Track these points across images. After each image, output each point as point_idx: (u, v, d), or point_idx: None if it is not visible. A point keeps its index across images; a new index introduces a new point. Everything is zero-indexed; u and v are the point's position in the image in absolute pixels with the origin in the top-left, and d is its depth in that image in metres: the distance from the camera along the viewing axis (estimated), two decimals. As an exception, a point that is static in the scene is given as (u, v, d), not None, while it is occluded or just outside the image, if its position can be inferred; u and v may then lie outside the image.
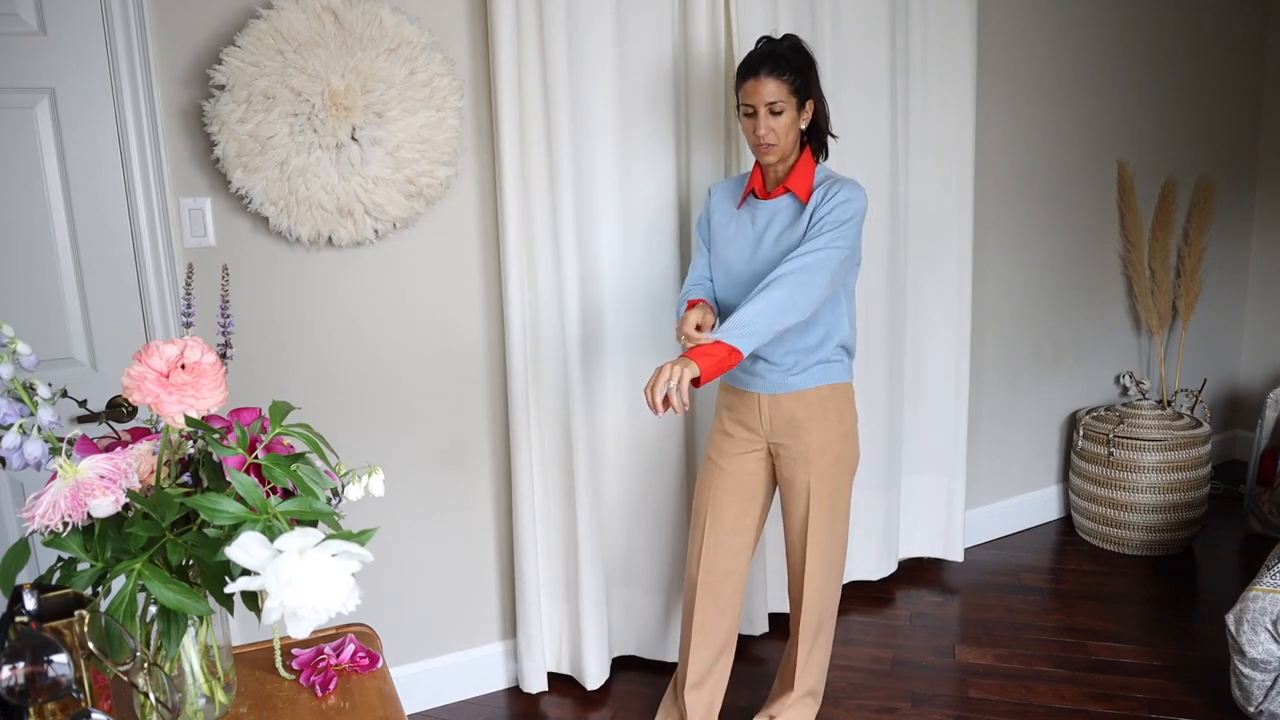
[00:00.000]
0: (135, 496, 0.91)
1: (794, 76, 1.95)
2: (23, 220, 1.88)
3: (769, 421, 2.09)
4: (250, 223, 2.10)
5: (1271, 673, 2.20)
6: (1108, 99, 3.44)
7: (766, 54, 1.97)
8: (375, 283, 2.27)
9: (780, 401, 2.06)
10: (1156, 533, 3.29)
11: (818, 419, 2.05)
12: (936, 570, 3.25)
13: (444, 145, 2.14)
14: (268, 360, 2.17)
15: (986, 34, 3.01)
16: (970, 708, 2.45)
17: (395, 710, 1.13)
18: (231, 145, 1.93)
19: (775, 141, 1.96)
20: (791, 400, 2.05)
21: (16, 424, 0.93)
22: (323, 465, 0.99)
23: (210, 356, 0.96)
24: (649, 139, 2.43)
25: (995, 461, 3.45)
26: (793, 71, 1.95)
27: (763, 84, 1.94)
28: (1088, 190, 3.47)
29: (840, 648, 2.76)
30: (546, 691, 2.57)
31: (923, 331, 3.06)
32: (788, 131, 1.97)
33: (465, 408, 2.43)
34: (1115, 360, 3.70)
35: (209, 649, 1.04)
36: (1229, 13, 3.72)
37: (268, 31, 1.93)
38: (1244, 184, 3.95)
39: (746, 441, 2.12)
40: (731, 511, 2.15)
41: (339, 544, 0.81)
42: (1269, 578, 2.23)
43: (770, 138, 1.96)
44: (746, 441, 2.12)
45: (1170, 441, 3.23)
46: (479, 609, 2.56)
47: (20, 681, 0.81)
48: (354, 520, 0.94)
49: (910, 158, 2.90)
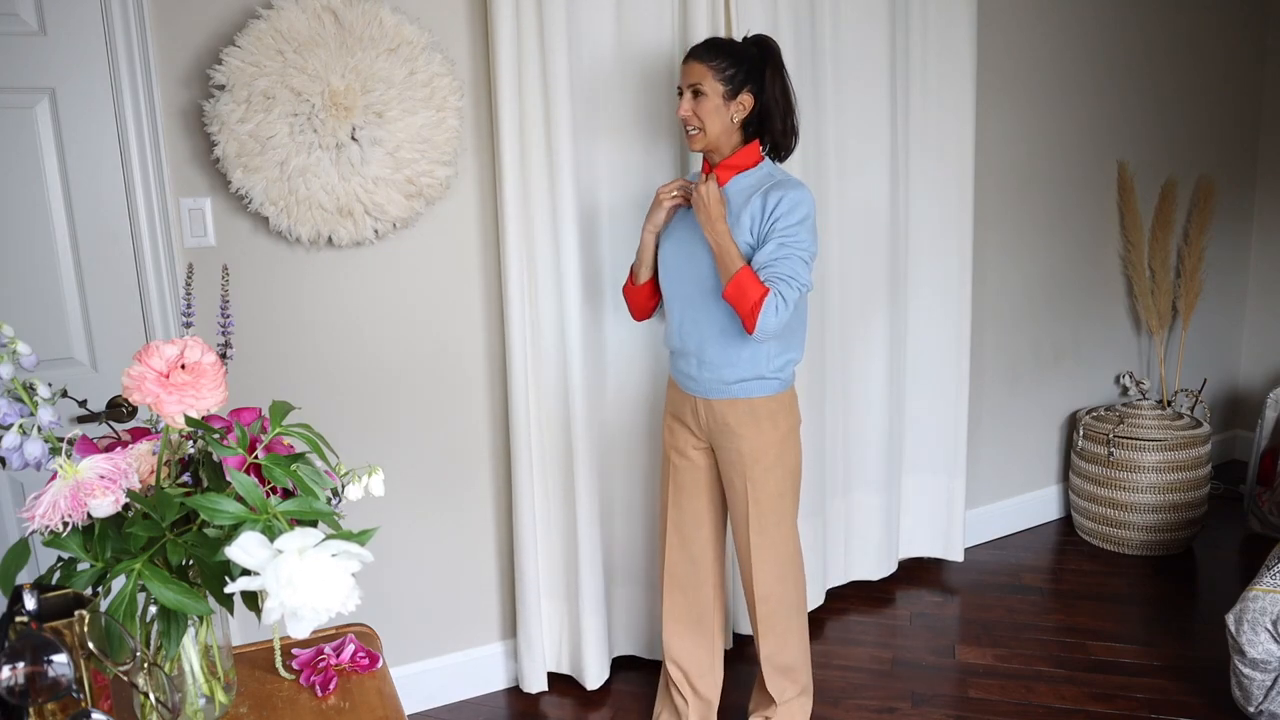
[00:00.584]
0: (135, 496, 0.91)
1: (727, 64, 1.95)
2: (23, 220, 1.88)
3: (705, 424, 2.10)
4: (250, 223, 2.10)
5: (1271, 673, 2.20)
6: (1108, 99, 3.44)
7: (706, 41, 2.01)
8: (375, 283, 2.27)
9: (713, 406, 2.07)
10: (1156, 533, 3.29)
11: (749, 425, 2.04)
12: (936, 570, 3.25)
13: (444, 145, 2.14)
14: (268, 360, 2.17)
15: (986, 34, 3.01)
16: (970, 708, 2.45)
17: (395, 710, 1.13)
18: (231, 145, 1.93)
19: (698, 127, 1.97)
20: (724, 406, 2.05)
21: (16, 424, 0.93)
22: (323, 465, 0.99)
23: (210, 356, 0.96)
24: (649, 139, 2.43)
25: (995, 461, 3.45)
26: (727, 58, 1.96)
27: (688, 66, 1.98)
28: (1088, 190, 3.47)
29: (840, 648, 2.76)
30: (546, 691, 2.57)
31: (923, 331, 3.06)
32: (710, 117, 1.96)
33: (465, 407, 2.43)
34: (1115, 360, 3.70)
35: (209, 649, 1.04)
36: (1229, 13, 3.72)
37: (268, 31, 1.93)
38: (1244, 184, 3.95)
39: (692, 436, 2.16)
40: (689, 504, 2.18)
41: (339, 544, 0.81)
42: (1269, 578, 2.23)
43: (693, 122, 1.97)
44: (692, 436, 2.16)
45: (1170, 441, 3.23)
46: (479, 609, 2.56)
47: (20, 681, 0.81)
48: (354, 520, 0.94)
49: (910, 158, 2.90)
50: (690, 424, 2.13)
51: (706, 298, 2.01)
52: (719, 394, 2.05)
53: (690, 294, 2.04)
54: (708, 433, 2.11)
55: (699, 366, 2.06)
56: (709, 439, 2.12)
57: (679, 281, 2.06)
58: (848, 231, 2.80)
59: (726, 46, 1.99)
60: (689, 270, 2.03)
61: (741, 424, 2.04)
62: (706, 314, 2.01)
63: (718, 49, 1.98)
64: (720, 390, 2.04)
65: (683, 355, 2.09)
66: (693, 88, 1.96)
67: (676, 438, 2.18)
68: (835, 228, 2.75)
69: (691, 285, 2.03)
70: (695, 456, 2.16)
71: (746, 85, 1.97)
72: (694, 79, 1.96)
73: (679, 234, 2.07)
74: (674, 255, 2.07)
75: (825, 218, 2.67)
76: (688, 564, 2.21)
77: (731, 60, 1.96)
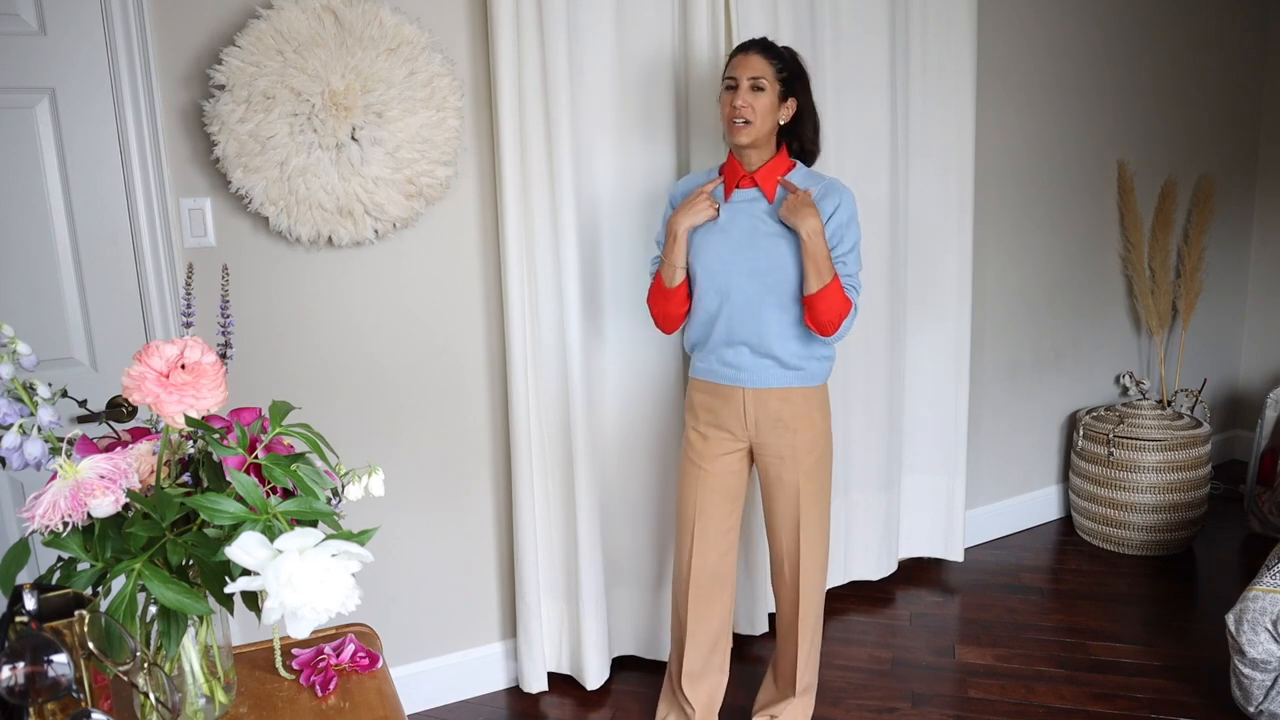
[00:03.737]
0: (135, 496, 0.91)
1: (782, 66, 2.00)
2: (23, 220, 1.88)
3: (753, 421, 2.08)
4: (250, 223, 2.10)
5: (1271, 673, 2.20)
6: (1108, 99, 3.44)
7: (762, 39, 2.03)
8: (375, 283, 2.27)
9: (765, 400, 2.06)
10: (1156, 533, 3.29)
11: (803, 417, 2.06)
12: (936, 570, 3.25)
13: (444, 145, 2.14)
14: (268, 360, 2.17)
15: (986, 34, 3.01)
16: (970, 708, 2.45)
17: (395, 710, 1.13)
18: (231, 145, 1.93)
19: (750, 119, 1.97)
20: (777, 400, 2.05)
21: (16, 424, 0.93)
22: (323, 465, 0.99)
23: (210, 356, 0.96)
24: (649, 139, 2.43)
25: (995, 461, 3.45)
26: (782, 61, 2.00)
27: (750, 58, 1.98)
28: (1088, 190, 3.47)
29: (840, 648, 2.76)
30: (546, 691, 2.57)
31: (923, 331, 3.06)
32: (765, 114, 1.97)
33: (465, 407, 2.43)
34: (1115, 360, 3.70)
35: (209, 649, 1.04)
36: (1229, 13, 3.72)
37: (268, 31, 1.93)
38: (1244, 184, 3.95)
39: (727, 442, 2.12)
40: (719, 511, 2.15)
41: (339, 544, 0.81)
42: (1269, 578, 2.23)
43: (747, 113, 1.96)
44: (727, 442, 2.12)
45: (1170, 441, 3.23)
46: (479, 609, 2.56)
47: (20, 681, 0.81)
48: (354, 520, 0.94)
49: (910, 158, 2.90)
50: (731, 425, 2.09)
51: (763, 286, 2.00)
52: (776, 382, 2.04)
53: (744, 284, 2.01)
54: (755, 429, 2.08)
55: (753, 355, 2.04)
56: (754, 436, 2.09)
57: (729, 273, 2.02)
58: (848, 231, 2.80)
59: (780, 51, 2.02)
60: (743, 262, 2.01)
61: (796, 416, 2.05)
62: (763, 301, 2.01)
63: (774, 50, 2.01)
64: (777, 378, 2.04)
65: (729, 345, 2.06)
66: (753, 81, 1.96)
67: (710, 445, 2.12)
68: (835, 228, 2.75)
69: (745, 276, 2.01)
70: (729, 462, 2.13)
71: (793, 91, 2.02)
72: (756, 72, 1.96)
73: (725, 225, 2.05)
74: (721, 246, 2.03)
75: (825, 218, 2.67)
76: (711, 575, 2.17)
77: (785, 64, 2.00)
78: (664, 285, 2.07)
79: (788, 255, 1.99)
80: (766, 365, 2.04)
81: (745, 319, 2.03)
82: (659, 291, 2.10)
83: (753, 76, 1.96)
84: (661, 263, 2.07)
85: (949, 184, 2.96)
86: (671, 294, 2.08)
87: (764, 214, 2.02)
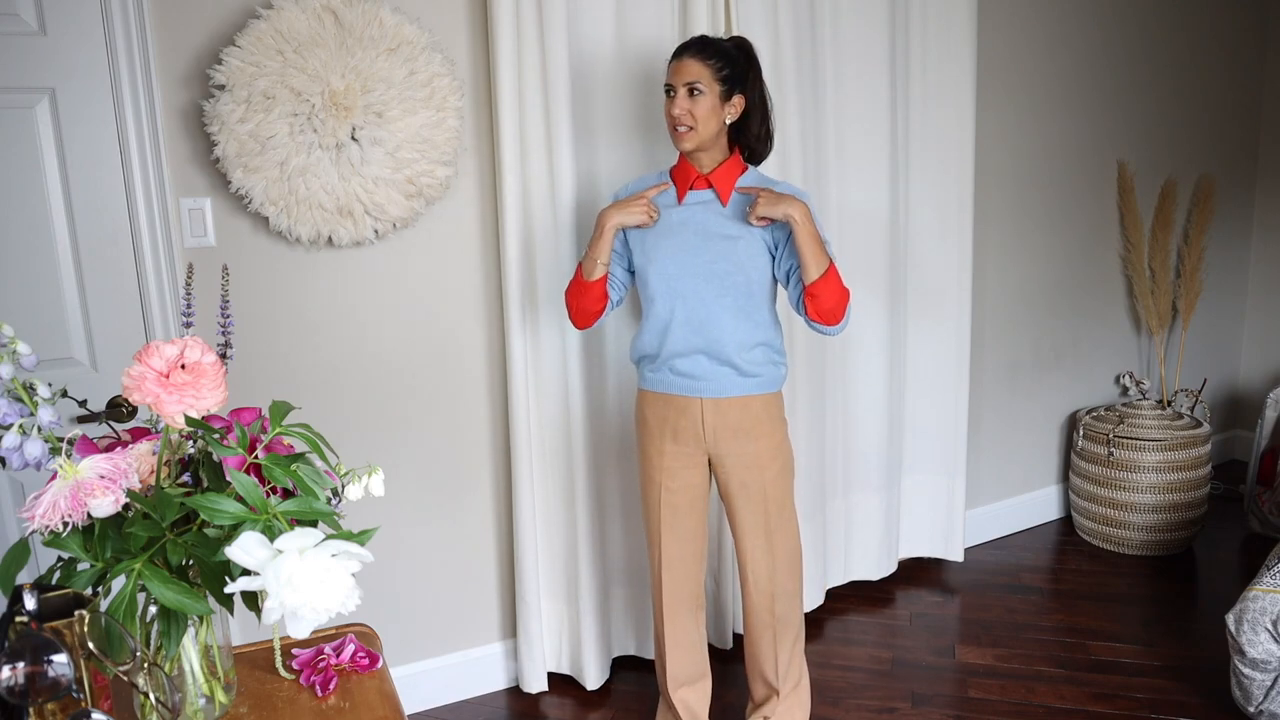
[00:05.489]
0: (135, 496, 0.91)
1: (722, 64, 1.93)
2: (23, 220, 1.88)
3: (711, 431, 2.03)
4: (250, 223, 2.10)
5: (1271, 673, 2.20)
6: (1108, 99, 3.44)
7: (697, 39, 1.97)
8: (375, 283, 2.27)
9: (724, 410, 2.01)
10: (1156, 533, 3.29)
11: (764, 424, 2.03)
12: (936, 570, 3.25)
13: (444, 145, 2.14)
14: (268, 360, 2.17)
15: (986, 34, 3.01)
16: (970, 708, 2.45)
17: (395, 710, 1.13)
18: (231, 145, 1.93)
19: (691, 125, 1.93)
20: (737, 409, 2.01)
21: (16, 424, 0.93)
22: (323, 465, 0.99)
23: (210, 356, 0.96)
24: (649, 139, 2.43)
25: (995, 461, 3.45)
26: (721, 59, 1.94)
27: (684, 64, 1.93)
28: (1088, 190, 3.47)
29: (840, 648, 2.76)
30: (546, 691, 2.57)
31: (923, 331, 3.06)
32: (707, 118, 1.93)
33: (465, 407, 2.43)
34: (1115, 360, 3.70)
35: (209, 649, 1.04)
36: (1229, 13, 3.72)
37: (268, 31, 1.93)
38: (1244, 184, 3.95)
39: (685, 455, 2.07)
40: (685, 524, 2.12)
41: (339, 544, 0.81)
42: (1269, 578, 2.23)
43: (686, 119, 1.92)
44: (685, 455, 2.07)
45: (1170, 441, 3.23)
46: (479, 609, 2.56)
47: (20, 681, 0.81)
48: (354, 520, 0.94)
49: (910, 158, 2.90)
50: (688, 437, 2.05)
51: (719, 289, 1.96)
52: (736, 390, 2.00)
53: (699, 288, 1.97)
54: (713, 439, 2.04)
55: (711, 363, 2.00)
56: (713, 447, 2.05)
57: (683, 276, 1.98)
58: (847, 231, 2.80)
59: (718, 46, 1.96)
60: (697, 263, 1.97)
61: (757, 423, 2.02)
62: (720, 305, 1.97)
63: (712, 48, 1.95)
64: (737, 386, 2.00)
65: (685, 355, 2.01)
66: (689, 86, 1.92)
67: (667, 460, 2.07)
68: (835, 228, 2.75)
69: (700, 279, 1.96)
70: (689, 475, 2.09)
71: (738, 87, 1.96)
72: (690, 77, 1.92)
73: (675, 228, 2.00)
74: (675, 250, 1.98)
75: (825, 218, 2.68)
76: (682, 587, 2.16)
77: (725, 60, 1.94)
78: (582, 278, 2.02)
79: (744, 257, 1.95)
80: (725, 373, 2.00)
81: (701, 323, 1.98)
82: (577, 284, 2.03)
83: (688, 82, 1.91)
84: (585, 255, 2.02)
85: (949, 184, 2.96)
86: (589, 288, 2.01)
87: (719, 215, 1.98)
